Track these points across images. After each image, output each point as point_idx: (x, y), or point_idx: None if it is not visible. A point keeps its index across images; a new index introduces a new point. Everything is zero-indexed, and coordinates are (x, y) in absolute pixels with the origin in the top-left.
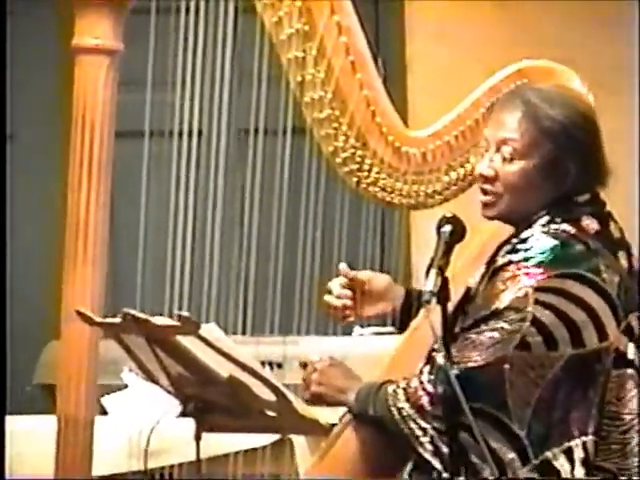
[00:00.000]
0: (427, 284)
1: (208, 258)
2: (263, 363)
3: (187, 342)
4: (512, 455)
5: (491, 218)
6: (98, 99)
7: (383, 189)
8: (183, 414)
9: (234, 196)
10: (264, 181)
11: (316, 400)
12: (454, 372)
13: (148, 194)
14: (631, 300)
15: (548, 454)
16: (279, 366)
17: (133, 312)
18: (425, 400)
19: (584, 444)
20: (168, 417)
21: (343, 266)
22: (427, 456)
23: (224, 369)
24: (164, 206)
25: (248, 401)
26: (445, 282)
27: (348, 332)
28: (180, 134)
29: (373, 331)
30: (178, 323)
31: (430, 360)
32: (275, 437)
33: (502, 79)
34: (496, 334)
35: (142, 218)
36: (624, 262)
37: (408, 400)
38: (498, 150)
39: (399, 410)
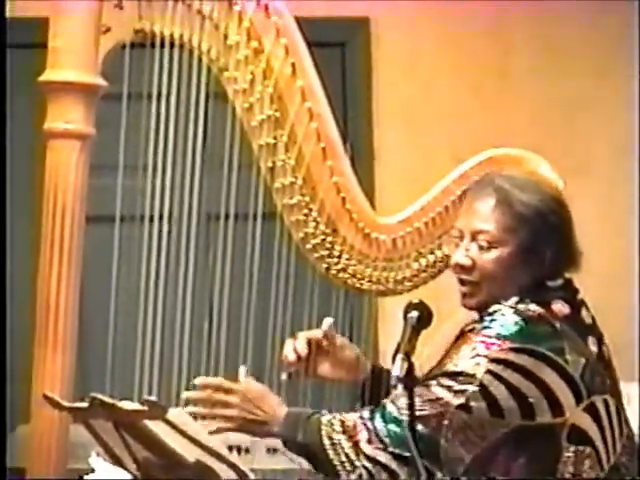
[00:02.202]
0: (393, 370)
1: (177, 343)
2: (231, 448)
3: (154, 426)
4: None
5: (471, 308)
6: (69, 183)
7: (353, 275)
8: None
9: (204, 281)
10: (234, 266)
11: (231, 423)
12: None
13: (118, 279)
14: (599, 383)
15: None
16: (247, 451)
17: (100, 397)
18: (363, 436)
19: None
20: None
21: (330, 322)
22: None
23: (191, 453)
24: (134, 291)
25: None
26: (411, 367)
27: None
28: (150, 219)
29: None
30: (145, 408)
31: (367, 400)
32: None
33: (472, 166)
34: (443, 391)
35: (112, 303)
36: (593, 348)
37: (344, 432)
38: (474, 239)
39: (331, 440)
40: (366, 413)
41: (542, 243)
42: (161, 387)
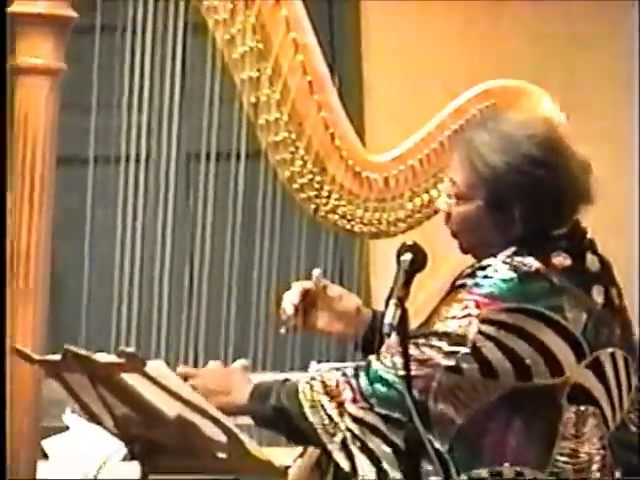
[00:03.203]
0: (386, 316)
1: (157, 291)
2: None
3: (132, 380)
4: (429, 467)
5: (464, 252)
6: (39, 122)
7: (343, 217)
8: (129, 456)
9: (184, 225)
10: (216, 209)
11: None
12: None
13: (92, 224)
14: (605, 336)
15: (474, 473)
16: None
17: (74, 349)
18: (348, 396)
19: (518, 473)
20: (113, 460)
21: (317, 273)
22: (335, 452)
23: (172, 408)
24: (110, 236)
25: (197, 442)
26: (405, 314)
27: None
28: (127, 159)
29: (331, 366)
30: (122, 360)
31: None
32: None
33: (469, 99)
34: (432, 352)
35: (86, 249)
36: (599, 298)
37: (326, 393)
38: (454, 185)
39: (311, 401)
40: (350, 370)
41: (509, 203)
42: (140, 338)
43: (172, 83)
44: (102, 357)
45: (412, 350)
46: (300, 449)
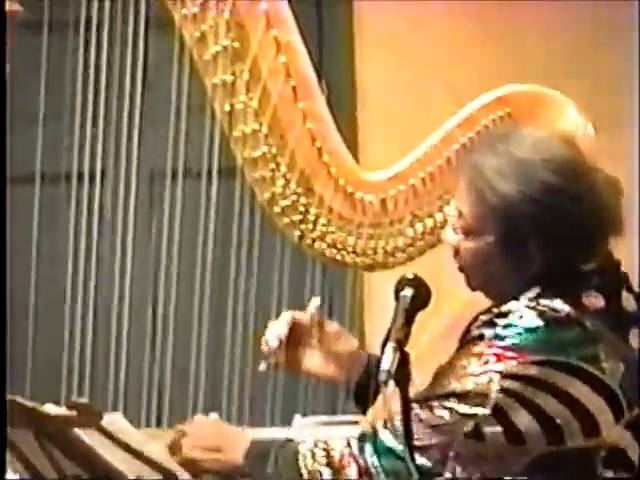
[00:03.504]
0: (383, 361)
1: (115, 329)
2: None
3: (86, 436)
4: None
5: (473, 290)
6: None
7: (332, 245)
8: None
9: (147, 254)
10: (184, 235)
11: (191, 467)
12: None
13: (39, 251)
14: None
15: None
16: None
17: (18, 399)
18: (353, 470)
19: None
20: None
21: (316, 304)
22: None
23: (132, 469)
24: (60, 266)
25: None
26: (405, 359)
27: (287, 422)
28: (79, 177)
29: (317, 421)
30: (75, 413)
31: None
32: None
33: (479, 109)
34: (446, 414)
35: (32, 281)
36: (636, 342)
37: (329, 465)
38: (460, 217)
39: (312, 473)
40: (355, 443)
41: (523, 236)
42: (95, 386)
43: (132, 88)
44: (51, 409)
45: (424, 414)
46: None
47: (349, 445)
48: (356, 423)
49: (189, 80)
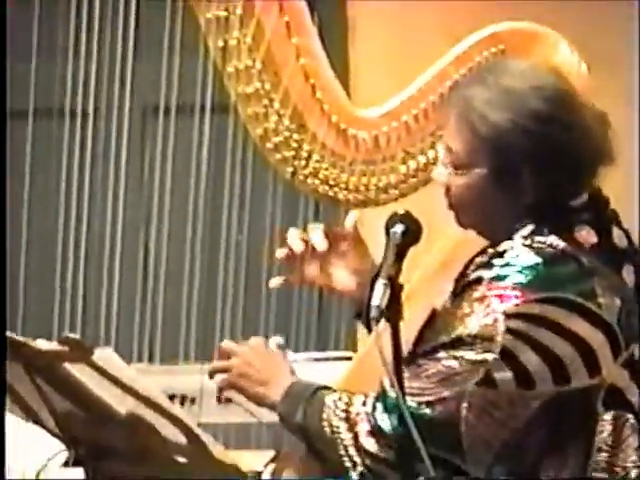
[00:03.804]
0: (373, 298)
1: (107, 265)
2: (173, 397)
3: (77, 371)
4: None
5: (462, 227)
6: None
7: (325, 182)
8: (71, 460)
9: (139, 193)
10: (176, 171)
11: (227, 389)
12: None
13: (32, 187)
14: (637, 326)
15: None
16: (192, 401)
17: (8, 334)
18: (364, 428)
19: None
20: (52, 465)
21: (355, 216)
22: None
23: (123, 404)
24: (53, 201)
25: (152, 444)
26: (396, 294)
27: None
28: (72, 113)
29: (309, 357)
30: (65, 347)
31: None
32: None
33: (472, 45)
34: (455, 364)
35: (25, 216)
36: (630, 278)
37: (347, 420)
38: (450, 152)
39: (332, 428)
40: (370, 401)
41: (516, 166)
42: (87, 323)
43: (125, 23)
44: (42, 344)
45: (432, 367)
46: (272, 453)
47: (365, 404)
48: (348, 359)
49: (182, 15)
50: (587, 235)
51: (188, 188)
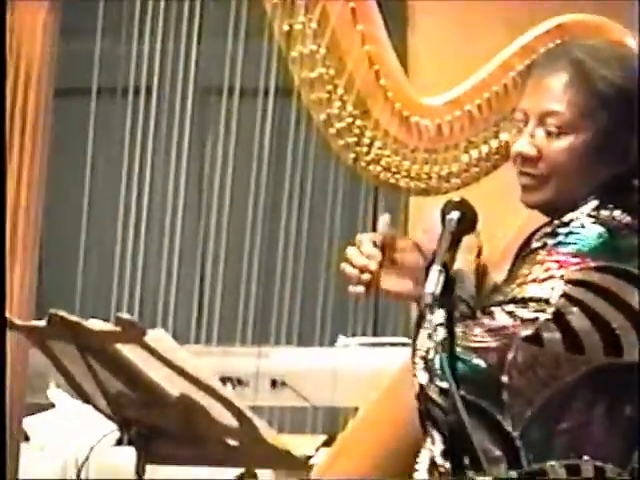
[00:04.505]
0: (427, 284)
1: (166, 249)
2: (224, 380)
3: (129, 352)
4: (499, 453)
5: (533, 206)
6: (35, 49)
7: (387, 169)
8: (123, 441)
9: (200, 174)
10: (237, 153)
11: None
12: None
13: (94, 167)
14: None
15: (546, 465)
16: (245, 384)
17: (62, 313)
18: (419, 361)
19: (599, 470)
20: (104, 445)
21: (387, 219)
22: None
23: (175, 386)
24: (113, 183)
25: (204, 427)
26: (450, 282)
27: (331, 343)
28: (136, 92)
29: (361, 341)
30: (118, 328)
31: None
32: (238, 471)
33: (538, 36)
34: (506, 318)
35: (86, 198)
36: None
37: (414, 350)
38: (541, 123)
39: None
40: (432, 342)
41: (625, 132)
42: (144, 303)
43: (192, 4)
44: (95, 324)
45: (484, 318)
46: (324, 437)
47: (430, 336)
48: (404, 345)
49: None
50: None
51: (249, 171)
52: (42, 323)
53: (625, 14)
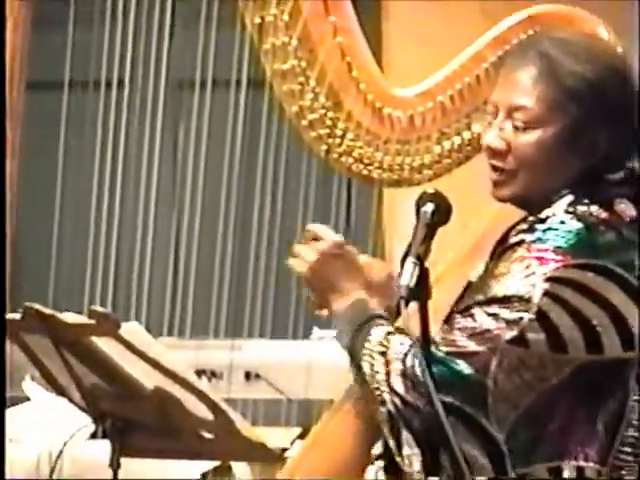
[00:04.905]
0: (402, 277)
1: (139, 242)
2: (199, 373)
3: (104, 345)
4: (484, 461)
5: (504, 200)
6: (6, 40)
7: (359, 160)
8: (97, 434)
9: (173, 167)
10: (210, 145)
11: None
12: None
13: (66, 159)
14: None
15: (529, 469)
16: (219, 377)
17: (37, 306)
18: (396, 367)
19: (580, 470)
20: (79, 438)
21: (339, 236)
22: (382, 422)
23: (150, 379)
24: (86, 175)
25: (179, 419)
26: (425, 274)
27: (305, 335)
28: (108, 84)
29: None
30: (93, 321)
31: None
32: (212, 464)
33: (510, 27)
34: (491, 321)
35: (58, 190)
36: None
37: (383, 355)
38: (509, 117)
39: (371, 361)
40: (407, 341)
41: (595, 125)
42: (116, 297)
43: None
44: (69, 317)
45: (465, 322)
46: (299, 430)
47: (402, 344)
48: None
49: None
50: (626, 208)
51: (222, 163)
52: (17, 316)
53: (625, 14)
